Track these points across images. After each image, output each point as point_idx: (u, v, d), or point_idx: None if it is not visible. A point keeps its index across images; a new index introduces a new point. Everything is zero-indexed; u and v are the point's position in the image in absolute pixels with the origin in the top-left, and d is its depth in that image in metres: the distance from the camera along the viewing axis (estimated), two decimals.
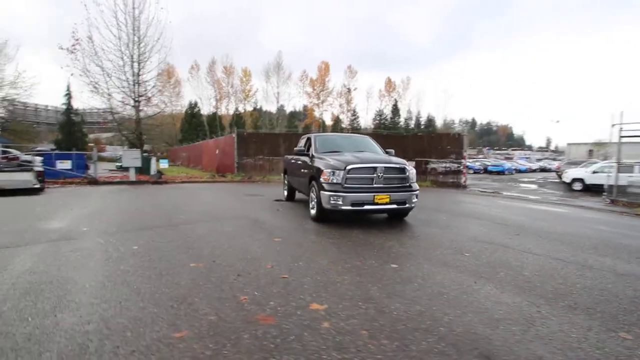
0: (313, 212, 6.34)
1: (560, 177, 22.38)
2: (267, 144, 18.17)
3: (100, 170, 15.38)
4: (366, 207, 5.66)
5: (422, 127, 57.66)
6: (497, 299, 2.98)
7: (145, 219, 6.29)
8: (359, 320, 2.50)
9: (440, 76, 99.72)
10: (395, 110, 62.38)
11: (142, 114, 17.50)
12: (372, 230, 5.64)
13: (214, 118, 51.48)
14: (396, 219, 6.59)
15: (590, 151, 59.76)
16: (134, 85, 16.77)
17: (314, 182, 6.29)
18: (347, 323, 2.45)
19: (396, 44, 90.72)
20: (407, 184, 5.98)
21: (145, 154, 16.99)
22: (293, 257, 4.06)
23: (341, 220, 6.29)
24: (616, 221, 7.84)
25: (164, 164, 19.66)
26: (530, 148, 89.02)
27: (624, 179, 12.17)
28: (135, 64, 16.73)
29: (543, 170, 40.62)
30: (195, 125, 50.56)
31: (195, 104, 52.44)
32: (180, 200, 9.24)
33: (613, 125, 12.58)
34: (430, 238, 5.23)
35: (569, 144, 69.29)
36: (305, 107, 59.68)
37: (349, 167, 5.67)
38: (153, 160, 16.13)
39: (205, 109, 53.77)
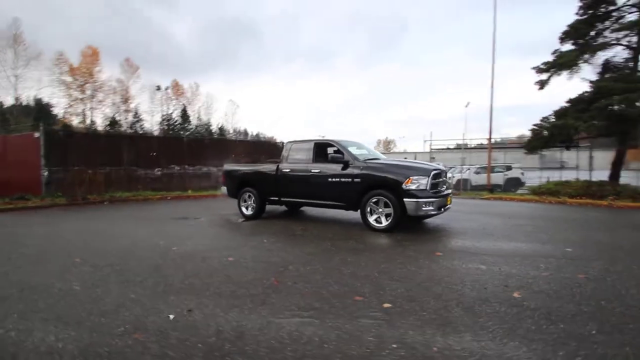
0: (378, 224, 5.69)
1: None
2: (97, 150, 12.84)
3: None
4: (442, 209, 5.82)
5: (215, 134, 56.97)
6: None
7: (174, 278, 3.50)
8: None
9: (227, 87, 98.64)
10: (185, 115, 58.26)
11: None
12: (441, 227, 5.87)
13: None
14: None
15: None
16: None
17: (380, 191, 5.68)
18: None
19: (180, 49, 79.04)
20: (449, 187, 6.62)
21: None
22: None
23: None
24: (488, 203, 11.62)
25: None
26: None
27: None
28: None
29: None
30: None
31: None
32: (126, 236, 5.36)
33: (425, 141, 18.33)
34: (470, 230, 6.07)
35: None
36: (38, 100, 43.72)
37: (433, 173, 5.63)
38: None
39: None
